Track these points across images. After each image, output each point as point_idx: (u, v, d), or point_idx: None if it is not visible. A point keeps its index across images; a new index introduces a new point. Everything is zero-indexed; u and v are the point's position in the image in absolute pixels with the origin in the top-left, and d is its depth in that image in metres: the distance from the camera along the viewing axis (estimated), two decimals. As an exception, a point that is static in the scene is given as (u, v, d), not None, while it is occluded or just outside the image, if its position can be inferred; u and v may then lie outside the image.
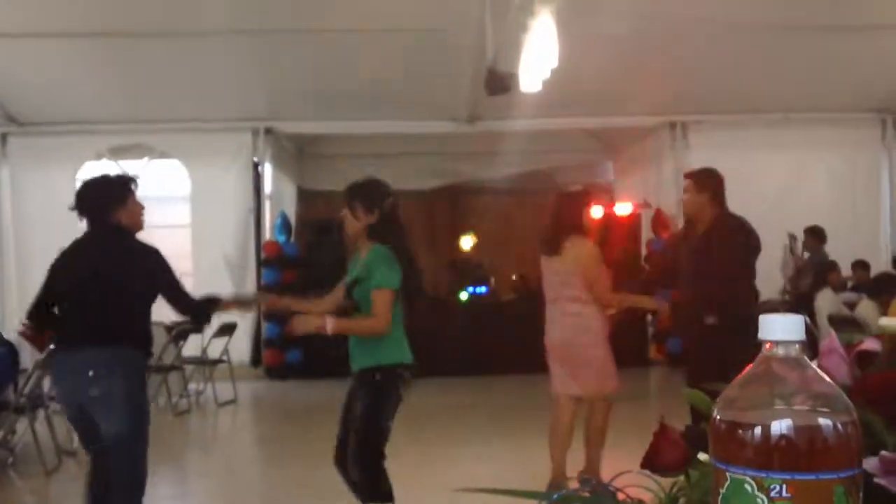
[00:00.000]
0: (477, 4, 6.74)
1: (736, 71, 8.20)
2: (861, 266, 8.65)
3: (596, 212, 4.96)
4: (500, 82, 6.98)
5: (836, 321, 7.33)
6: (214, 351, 8.55)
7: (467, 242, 14.07)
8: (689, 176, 4.87)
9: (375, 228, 3.81)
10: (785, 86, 8.52)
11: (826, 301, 7.80)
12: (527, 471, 4.79)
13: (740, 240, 4.56)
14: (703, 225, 4.70)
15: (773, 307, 8.45)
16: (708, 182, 4.71)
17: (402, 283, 3.75)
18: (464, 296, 11.99)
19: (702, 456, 0.88)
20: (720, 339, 4.46)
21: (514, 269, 13.16)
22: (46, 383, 6.37)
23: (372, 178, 4.05)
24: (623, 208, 10.47)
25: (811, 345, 0.70)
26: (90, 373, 3.40)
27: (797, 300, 8.46)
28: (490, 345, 10.36)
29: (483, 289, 12.37)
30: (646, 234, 10.44)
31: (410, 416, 8.87)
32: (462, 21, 7.08)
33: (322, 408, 8.96)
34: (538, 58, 5.94)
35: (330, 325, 3.77)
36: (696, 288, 4.61)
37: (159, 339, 8.13)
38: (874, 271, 8.42)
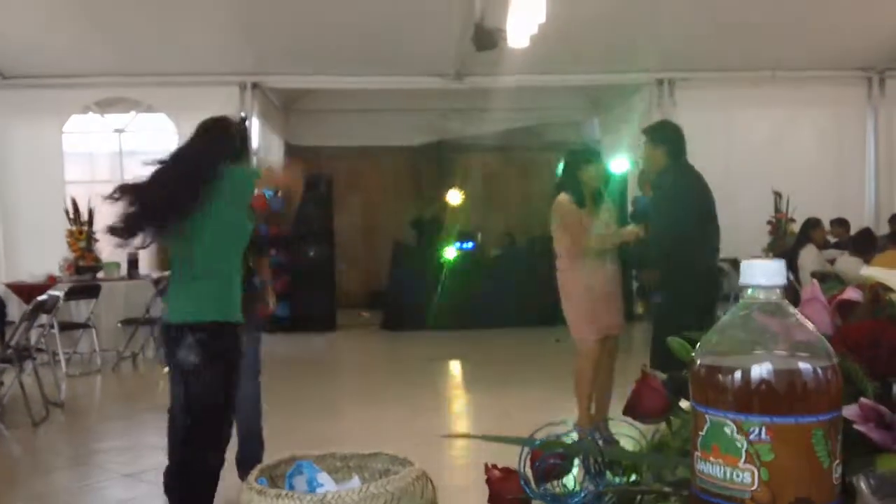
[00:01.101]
0: (465, -43, 6.66)
1: (723, 29, 8.15)
2: (839, 223, 8.72)
3: (596, 170, 4.92)
4: (487, 38, 6.92)
5: (819, 277, 7.41)
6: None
7: (454, 198, 14.05)
8: (645, 131, 4.84)
9: None
10: (771, 44, 8.48)
11: (809, 257, 7.87)
12: (512, 419, 4.84)
13: (676, 194, 4.54)
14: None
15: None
16: (661, 135, 4.69)
17: None
18: (450, 253, 12.01)
19: (683, 403, 0.89)
20: (668, 297, 4.53)
21: (501, 225, 13.19)
22: (34, 335, 6.38)
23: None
24: (617, 166, 10.46)
25: (794, 300, 0.70)
26: None
27: (780, 257, 8.53)
28: (477, 299, 10.43)
29: (470, 244, 12.40)
30: (632, 191, 10.46)
31: (404, 366, 8.98)
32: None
33: (304, 360, 9.05)
34: (526, 13, 5.88)
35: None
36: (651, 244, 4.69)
37: (146, 292, 8.16)
38: (859, 226, 8.48)
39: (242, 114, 9.14)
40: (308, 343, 9.90)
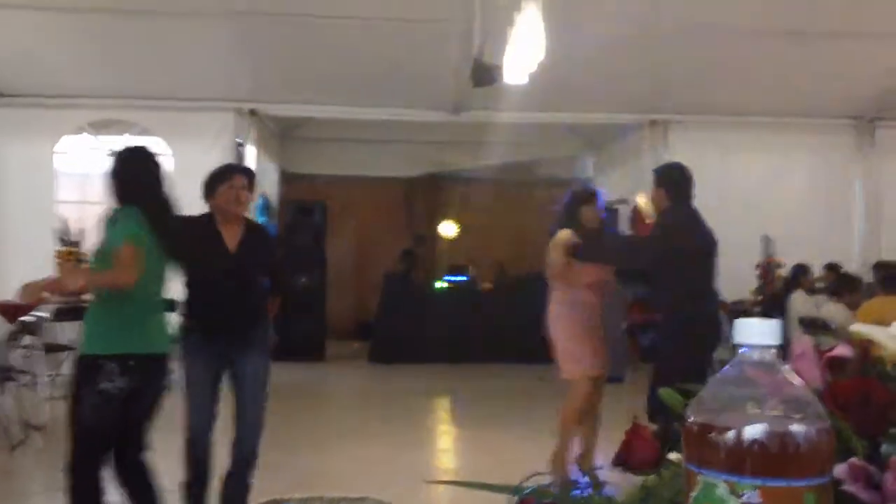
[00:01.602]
0: (466, -5, 6.72)
1: (717, 73, 8.25)
2: (831, 268, 8.77)
3: (595, 211, 5.00)
4: (485, 74, 6.97)
5: (805, 322, 7.45)
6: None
7: (447, 231, 14.09)
8: (654, 171, 4.94)
9: None
10: (764, 90, 8.59)
11: (798, 302, 7.91)
12: (497, 458, 4.82)
13: (657, 234, 4.60)
14: None
15: (745, 308, 8.58)
16: (666, 177, 4.75)
17: None
18: (442, 285, 12.02)
19: (672, 455, 0.90)
20: (663, 339, 4.55)
21: (493, 259, 13.21)
22: (14, 356, 6.31)
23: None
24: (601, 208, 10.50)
25: (783, 345, 0.71)
26: None
27: (769, 301, 8.57)
28: (467, 333, 10.42)
29: (462, 277, 12.41)
30: (623, 231, 10.51)
31: (391, 399, 8.94)
32: (451, 11, 7.05)
33: (291, 391, 8.98)
34: (524, 51, 5.94)
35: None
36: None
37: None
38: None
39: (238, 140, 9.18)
40: (295, 372, 9.84)
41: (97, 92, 8.82)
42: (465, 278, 12.39)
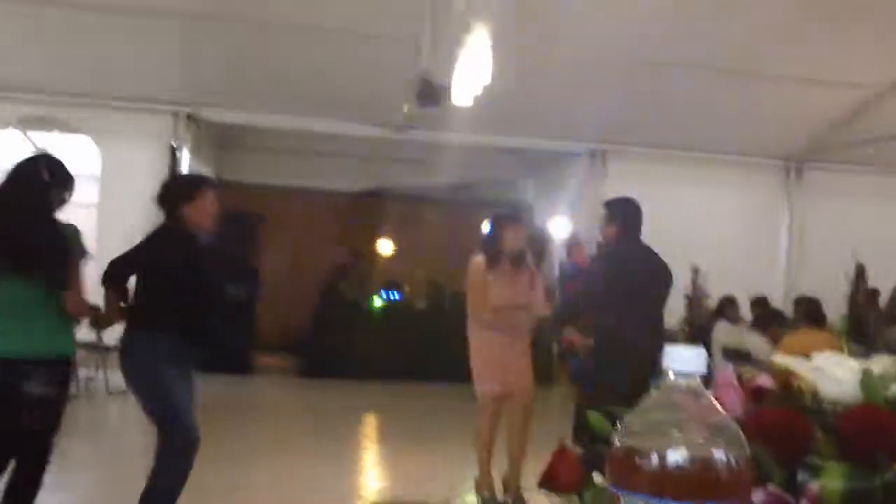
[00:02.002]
0: (416, 15, 6.74)
1: (656, 108, 8.44)
2: (759, 303, 9.02)
3: (516, 233, 5.06)
4: (432, 93, 7.01)
5: (729, 352, 7.64)
6: (111, 337, 8.31)
7: (384, 247, 14.06)
8: (605, 203, 5.01)
9: None
10: (699, 125, 8.81)
11: (722, 332, 8.10)
12: (423, 477, 4.80)
13: (596, 266, 4.73)
14: None
15: (673, 337, 8.75)
16: (617, 210, 4.85)
17: None
18: (378, 301, 11.97)
19: (596, 477, 0.91)
20: (593, 362, 4.65)
21: (428, 278, 13.20)
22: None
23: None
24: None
25: (707, 374, 0.73)
26: None
27: (695, 331, 8.76)
28: (400, 350, 10.37)
29: (396, 295, 12.38)
30: (559, 256, 10.64)
31: (318, 415, 8.81)
32: (401, 28, 7.06)
33: (215, 402, 8.81)
34: (471, 73, 5.99)
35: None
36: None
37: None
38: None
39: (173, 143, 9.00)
40: (221, 385, 9.65)
41: (28, 86, 8.53)
42: (399, 296, 12.36)
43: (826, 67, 7.58)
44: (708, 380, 0.76)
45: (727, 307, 8.43)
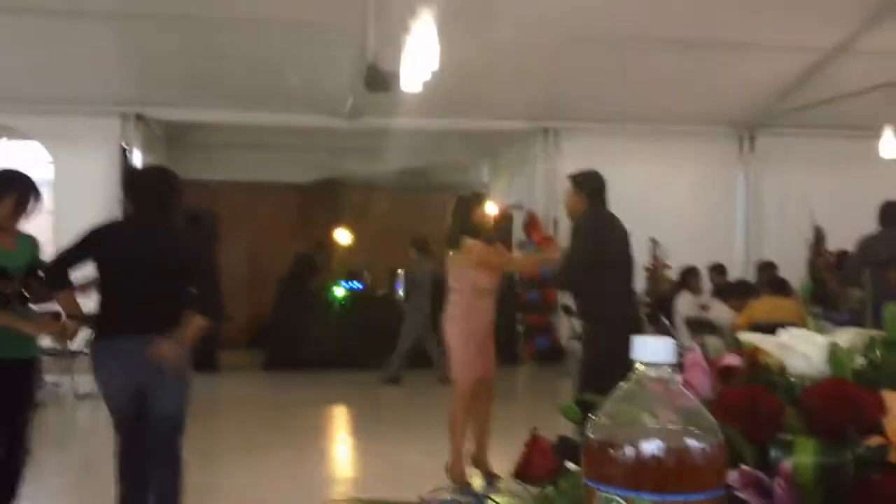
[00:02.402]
0: (360, 2, 6.69)
1: (606, 82, 8.48)
2: (717, 270, 9.15)
3: (485, 212, 5.23)
4: (380, 80, 6.96)
5: (692, 323, 7.74)
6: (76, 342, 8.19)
7: (342, 237, 13.98)
8: (570, 177, 5.11)
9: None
10: (651, 97, 8.88)
11: (685, 303, 8.20)
12: (395, 468, 4.80)
13: (579, 237, 4.78)
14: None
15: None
16: (585, 182, 4.95)
17: None
18: (339, 291, 11.90)
19: (570, 465, 0.90)
20: (591, 341, 4.66)
21: (388, 265, 13.16)
22: None
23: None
24: (492, 209, 10.65)
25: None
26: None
27: (657, 303, 8.86)
28: (363, 339, 10.34)
29: (357, 284, 12.33)
30: (517, 235, 10.67)
31: (285, 409, 8.78)
32: (345, 16, 7.01)
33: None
34: (419, 59, 5.96)
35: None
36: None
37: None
38: (728, 277, 8.92)
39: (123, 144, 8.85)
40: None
41: (-27, 94, 8.35)
42: (360, 285, 12.31)
43: (774, 33, 7.67)
44: (677, 364, 0.76)
45: (690, 278, 8.54)
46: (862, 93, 8.06)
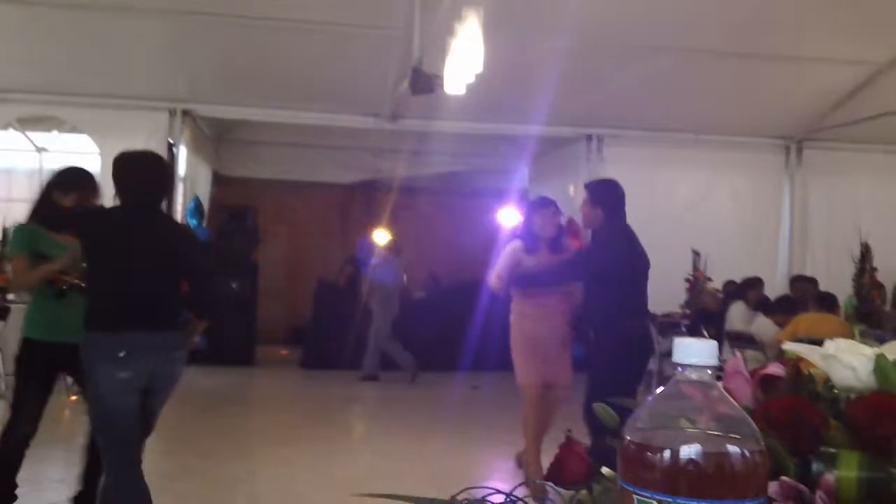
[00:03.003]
0: (407, 3, 6.72)
1: (652, 90, 8.40)
2: (752, 285, 9.03)
3: (543, 219, 5.26)
4: (424, 82, 6.96)
5: (732, 336, 7.62)
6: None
7: (382, 238, 14.02)
8: (587, 186, 5.04)
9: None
10: (697, 108, 8.78)
11: (737, 314, 8.07)
12: (430, 469, 4.80)
13: (594, 251, 4.76)
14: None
15: (673, 321, 8.74)
16: (601, 194, 4.86)
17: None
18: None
19: (605, 470, 0.89)
20: (597, 353, 4.65)
21: (427, 268, 13.19)
22: None
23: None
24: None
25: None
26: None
27: (697, 315, 8.75)
28: (399, 341, 10.37)
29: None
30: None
31: (322, 405, 8.83)
32: (391, 18, 7.03)
33: (219, 395, 8.82)
34: (464, 62, 5.96)
35: None
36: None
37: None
38: (770, 291, 8.76)
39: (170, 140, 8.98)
40: (224, 377, 9.66)
41: (25, 87, 8.53)
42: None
43: (825, 46, 7.54)
44: (719, 370, 0.74)
45: (750, 289, 8.38)
46: (913, 108, 7.90)
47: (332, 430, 7.01)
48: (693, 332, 7.87)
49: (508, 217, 11.01)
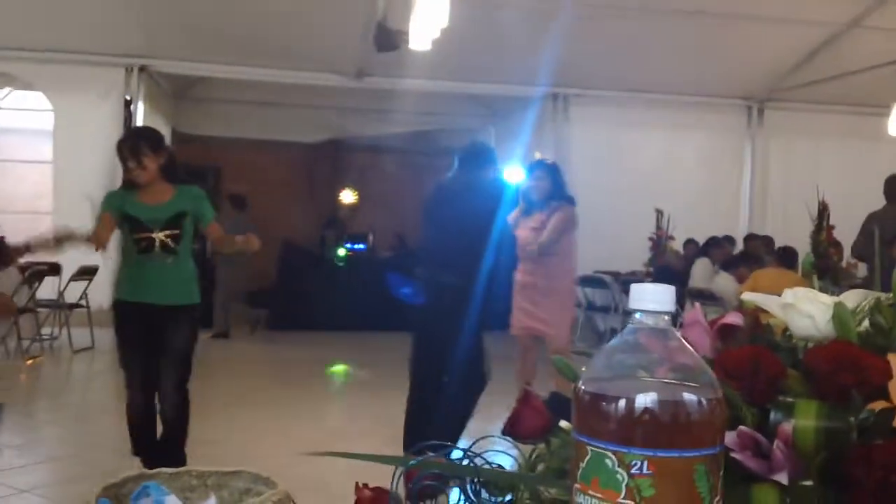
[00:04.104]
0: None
1: (616, 51, 8.37)
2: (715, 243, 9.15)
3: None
4: (389, 38, 6.87)
5: (693, 293, 7.70)
6: (72, 295, 8.19)
7: (347, 198, 13.94)
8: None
9: (169, 170, 4.12)
10: (660, 68, 8.78)
11: (700, 271, 8.16)
12: (393, 430, 4.79)
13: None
14: None
15: (637, 279, 8.81)
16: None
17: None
18: (341, 252, 11.90)
19: (564, 423, 0.87)
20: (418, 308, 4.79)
21: (393, 228, 13.14)
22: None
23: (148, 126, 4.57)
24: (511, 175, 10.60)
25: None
26: None
27: (660, 272, 8.83)
28: (366, 301, 10.34)
29: (361, 245, 12.32)
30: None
31: (285, 367, 8.81)
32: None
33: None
34: (428, 16, 5.87)
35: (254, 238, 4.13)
36: None
37: (13, 279, 7.71)
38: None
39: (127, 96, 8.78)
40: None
41: (-26, 42, 8.26)
42: (363, 247, 12.30)
43: (786, 6, 7.56)
44: (677, 320, 0.73)
45: (713, 248, 8.49)
46: (872, 69, 7.96)
47: (295, 393, 6.99)
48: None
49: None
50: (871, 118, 8.74)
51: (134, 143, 4.14)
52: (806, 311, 0.81)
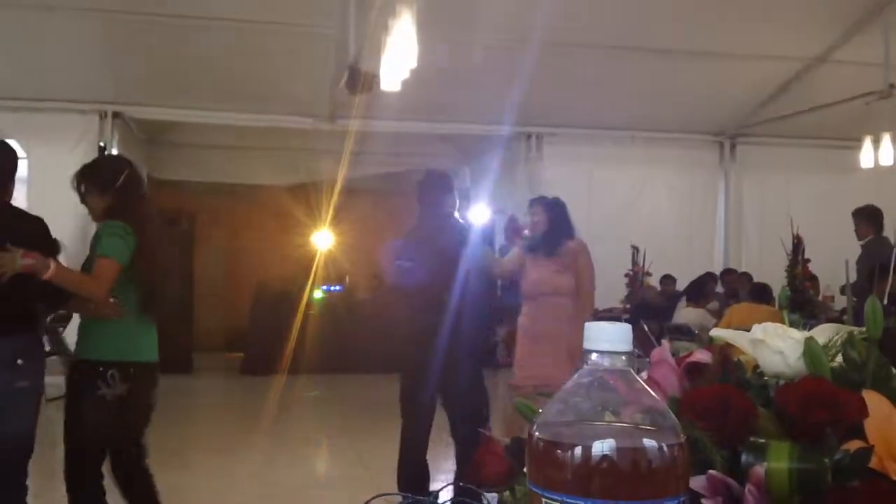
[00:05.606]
0: (341, 2, 6.62)
1: (588, 89, 8.44)
2: (668, 279, 9.21)
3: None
4: (361, 81, 6.88)
5: (672, 329, 7.69)
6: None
7: (322, 240, 13.89)
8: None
9: (113, 209, 3.62)
10: (632, 105, 8.86)
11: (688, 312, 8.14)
12: (368, 469, 4.72)
13: None
14: None
15: (615, 316, 8.80)
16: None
17: (137, 267, 3.53)
18: (317, 294, 11.83)
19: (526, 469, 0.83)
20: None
21: (369, 269, 13.08)
22: None
23: (103, 157, 4.22)
24: (479, 215, 10.60)
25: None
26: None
27: (637, 309, 8.82)
28: (342, 343, 10.25)
29: (338, 287, 12.26)
30: (498, 240, 10.60)
31: (262, 411, 8.68)
32: (325, 17, 6.93)
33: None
34: (398, 57, 5.89)
35: (52, 267, 3.32)
36: None
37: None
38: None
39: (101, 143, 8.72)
40: (161, 385, 9.41)
41: (-54, 91, 8.20)
42: (339, 288, 12.24)
43: (754, 42, 7.67)
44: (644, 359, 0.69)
45: (695, 288, 8.49)
46: (842, 102, 8.07)
47: (272, 438, 6.87)
48: (633, 326, 7.91)
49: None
50: (842, 151, 8.84)
51: (77, 181, 3.69)
52: (776, 346, 0.77)
